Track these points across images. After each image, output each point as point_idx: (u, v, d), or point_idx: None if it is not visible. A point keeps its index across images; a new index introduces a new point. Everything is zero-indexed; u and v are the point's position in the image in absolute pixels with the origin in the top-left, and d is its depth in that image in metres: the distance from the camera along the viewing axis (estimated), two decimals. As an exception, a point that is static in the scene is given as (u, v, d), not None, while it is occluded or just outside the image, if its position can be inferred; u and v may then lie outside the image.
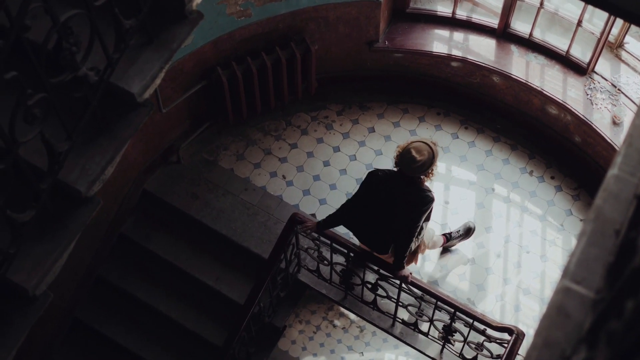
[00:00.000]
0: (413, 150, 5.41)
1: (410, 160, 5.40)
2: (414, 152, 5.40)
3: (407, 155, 5.42)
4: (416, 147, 5.43)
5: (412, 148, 5.42)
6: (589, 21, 6.85)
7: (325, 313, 9.38)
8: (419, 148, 5.43)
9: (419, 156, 5.40)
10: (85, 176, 3.45)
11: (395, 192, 5.61)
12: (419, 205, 5.58)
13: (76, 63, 3.14)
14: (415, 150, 5.41)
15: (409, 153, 5.41)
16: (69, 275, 6.54)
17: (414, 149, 5.42)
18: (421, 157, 5.40)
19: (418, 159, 5.39)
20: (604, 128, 6.76)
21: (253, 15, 6.64)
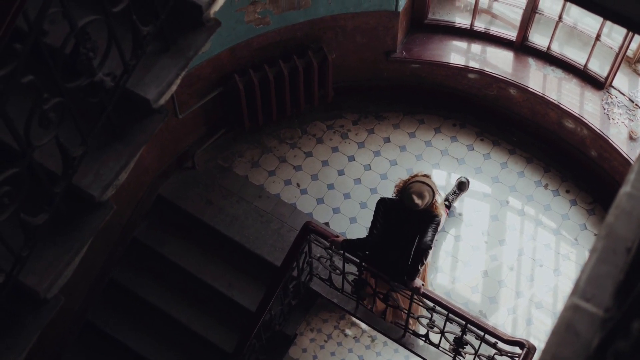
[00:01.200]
0: (415, 196, 5.60)
1: (413, 205, 5.62)
2: (416, 198, 5.61)
3: (409, 200, 5.62)
4: (417, 192, 5.61)
5: (413, 194, 5.61)
6: (607, 35, 6.82)
7: (337, 322, 9.35)
8: (420, 192, 5.62)
9: (421, 201, 5.62)
10: (99, 181, 3.47)
11: (409, 219, 5.77)
12: (429, 221, 5.76)
13: (93, 68, 3.16)
14: (416, 195, 5.60)
15: (412, 200, 5.61)
16: (82, 278, 6.56)
17: (415, 194, 5.61)
18: (423, 202, 5.63)
19: (420, 205, 5.63)
20: (621, 143, 6.73)
21: (271, 24, 6.66)
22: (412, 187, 5.63)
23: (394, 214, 5.80)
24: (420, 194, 5.60)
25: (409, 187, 5.65)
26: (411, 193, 5.60)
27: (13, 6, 2.70)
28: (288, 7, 6.58)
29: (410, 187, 5.64)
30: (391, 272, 6.02)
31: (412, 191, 5.61)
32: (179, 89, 6.44)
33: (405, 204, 5.67)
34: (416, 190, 5.61)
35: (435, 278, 6.88)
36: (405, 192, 5.64)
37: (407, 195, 5.62)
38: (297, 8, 6.62)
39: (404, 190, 5.67)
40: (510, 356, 5.92)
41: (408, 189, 5.64)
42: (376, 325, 6.69)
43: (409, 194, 5.61)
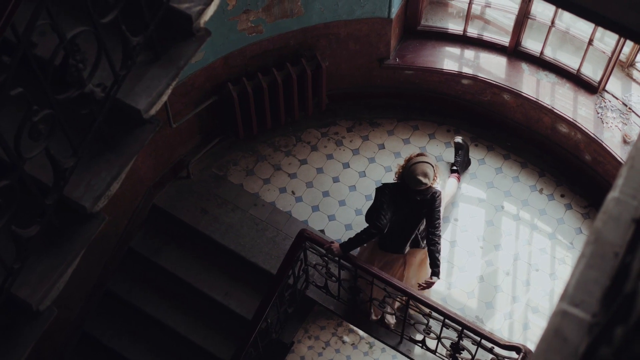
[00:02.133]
0: (420, 177, 5.79)
1: (421, 184, 5.81)
2: (423, 177, 5.80)
3: (415, 182, 5.81)
4: (422, 172, 5.80)
5: (419, 175, 5.79)
6: (600, 40, 6.84)
7: (335, 329, 9.35)
8: (425, 171, 5.82)
9: (427, 179, 5.83)
10: (91, 192, 3.47)
11: (410, 198, 5.90)
12: (433, 202, 5.92)
13: (83, 79, 3.17)
14: (422, 175, 5.80)
15: (418, 181, 5.80)
16: (78, 288, 6.56)
17: (421, 175, 5.80)
18: (429, 180, 5.85)
19: (428, 183, 5.85)
20: (615, 147, 6.74)
21: (264, 32, 6.67)
22: (416, 169, 5.81)
23: (400, 198, 5.92)
24: (425, 173, 5.81)
25: (412, 168, 5.82)
26: (417, 175, 5.79)
27: (1, 19, 2.71)
28: (281, 16, 6.59)
29: (413, 169, 5.81)
30: (394, 247, 6.20)
31: (418, 172, 5.80)
32: (173, 98, 6.47)
33: (410, 186, 5.83)
34: (420, 170, 5.81)
35: (431, 284, 6.86)
36: (410, 175, 5.82)
37: (413, 177, 5.80)
38: (290, 16, 6.63)
39: (408, 173, 5.84)
40: (507, 361, 5.92)
41: (412, 171, 5.81)
42: (373, 331, 6.68)
43: (414, 176, 5.79)
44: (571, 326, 1.93)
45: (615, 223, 2.19)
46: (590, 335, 1.77)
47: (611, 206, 2.25)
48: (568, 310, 1.99)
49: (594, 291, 2.04)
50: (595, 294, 2.02)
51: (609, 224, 2.20)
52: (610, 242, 2.14)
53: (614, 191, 2.35)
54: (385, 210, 5.89)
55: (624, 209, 2.22)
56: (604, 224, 2.20)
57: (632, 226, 2.06)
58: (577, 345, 1.85)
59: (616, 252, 2.09)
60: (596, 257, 2.13)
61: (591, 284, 2.08)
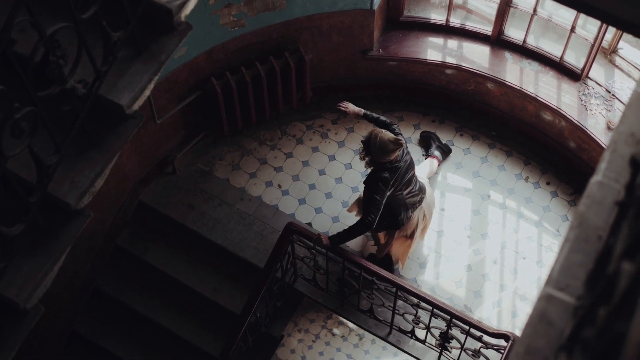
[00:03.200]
0: (392, 142, 5.72)
1: (397, 145, 5.74)
2: (393, 141, 5.73)
3: (393, 145, 5.72)
4: (389, 138, 5.73)
5: (391, 142, 5.71)
6: (582, 27, 6.85)
7: (324, 322, 9.37)
8: (390, 137, 5.75)
9: (399, 139, 5.79)
10: (75, 189, 3.45)
11: (399, 168, 5.90)
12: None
13: (64, 76, 3.15)
14: (393, 141, 5.73)
15: (394, 143, 5.72)
16: (65, 287, 6.54)
17: (391, 140, 5.72)
18: (399, 139, 5.79)
19: (401, 141, 5.78)
20: (599, 133, 6.76)
21: (247, 26, 6.65)
22: (382, 141, 5.69)
23: (392, 176, 5.85)
24: (391, 138, 5.73)
25: (380, 144, 5.68)
26: (389, 143, 5.69)
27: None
28: (263, 9, 6.57)
29: (382, 143, 5.68)
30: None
31: (387, 140, 5.69)
32: (157, 94, 6.44)
33: (391, 158, 5.72)
34: (387, 138, 5.71)
35: (419, 274, 6.89)
36: (384, 149, 5.69)
37: (388, 147, 5.68)
38: (272, 9, 6.61)
39: (381, 150, 5.69)
40: (496, 349, 5.94)
41: (382, 145, 5.68)
42: (362, 323, 6.70)
43: (389, 145, 5.68)
44: (556, 310, 1.94)
45: (599, 206, 2.20)
46: (575, 318, 1.78)
47: (594, 190, 2.26)
48: (553, 295, 2.00)
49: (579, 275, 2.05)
50: (580, 278, 2.03)
51: (593, 208, 2.21)
52: (594, 225, 2.15)
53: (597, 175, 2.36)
54: (379, 206, 5.85)
55: (607, 193, 2.23)
56: (587, 208, 2.21)
57: (615, 209, 2.07)
58: (562, 329, 1.86)
59: (600, 235, 2.10)
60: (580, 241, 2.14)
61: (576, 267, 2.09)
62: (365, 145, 5.81)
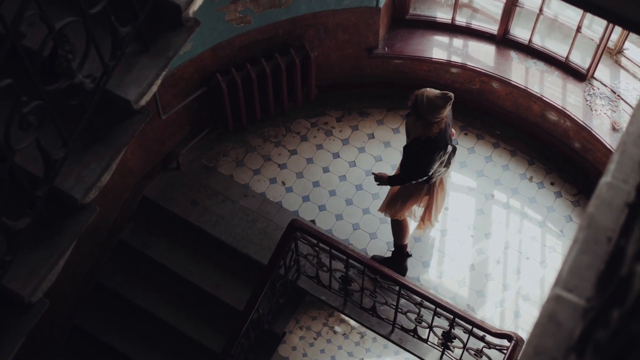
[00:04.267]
0: (440, 96, 5.60)
1: (447, 100, 5.61)
2: (441, 96, 5.60)
3: (443, 99, 5.60)
4: (434, 94, 5.63)
5: (438, 96, 5.60)
6: (588, 27, 6.85)
7: (326, 319, 9.36)
8: (436, 92, 5.66)
9: (448, 93, 5.66)
10: (81, 183, 3.45)
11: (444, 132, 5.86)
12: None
13: (72, 70, 3.15)
14: (440, 95, 5.61)
15: (444, 98, 5.59)
16: (68, 281, 6.55)
17: (439, 95, 5.61)
18: (447, 93, 5.67)
19: (450, 95, 5.65)
20: (604, 134, 6.76)
21: (252, 22, 6.65)
22: (430, 97, 5.59)
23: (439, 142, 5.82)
24: (437, 94, 5.64)
25: (428, 100, 5.58)
26: (436, 97, 5.60)
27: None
28: (269, 6, 6.57)
29: (430, 98, 5.58)
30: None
31: (434, 96, 5.60)
32: (162, 90, 6.45)
33: (441, 114, 5.63)
34: (432, 95, 5.62)
35: (422, 273, 6.89)
36: (434, 103, 5.58)
37: (437, 101, 5.59)
38: (278, 6, 6.61)
39: (431, 106, 5.57)
40: (499, 349, 5.94)
41: (431, 101, 5.58)
42: (364, 321, 6.70)
43: (436, 99, 5.59)
44: (566, 311, 1.94)
45: (608, 208, 2.20)
46: (585, 320, 1.77)
47: (604, 191, 2.26)
48: (562, 295, 2.00)
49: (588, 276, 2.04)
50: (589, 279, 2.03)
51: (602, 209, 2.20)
52: (603, 226, 2.15)
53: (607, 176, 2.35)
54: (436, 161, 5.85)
55: (617, 194, 2.23)
56: (596, 209, 2.21)
57: (625, 210, 2.06)
58: (572, 330, 1.85)
59: (609, 237, 2.09)
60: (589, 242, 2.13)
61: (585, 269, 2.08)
62: (413, 108, 5.68)
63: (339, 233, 7.04)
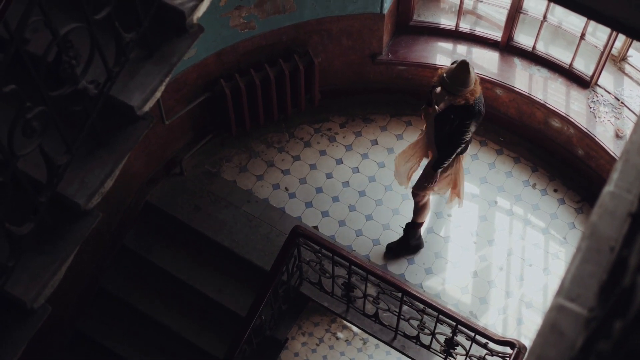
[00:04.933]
0: (460, 65, 5.65)
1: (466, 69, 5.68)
2: (462, 65, 5.64)
3: (464, 70, 5.65)
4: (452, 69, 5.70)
5: (458, 67, 5.65)
6: (592, 34, 6.84)
7: (329, 325, 9.36)
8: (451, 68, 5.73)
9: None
10: (85, 189, 3.45)
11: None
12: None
13: (76, 76, 3.15)
14: (461, 65, 5.65)
15: (463, 68, 5.64)
16: (71, 286, 6.54)
17: (458, 67, 5.65)
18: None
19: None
20: (607, 141, 6.75)
21: (256, 28, 6.65)
22: (450, 74, 5.67)
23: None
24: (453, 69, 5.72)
25: (452, 77, 5.66)
26: (464, 76, 5.67)
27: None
28: (273, 11, 6.58)
29: (453, 76, 5.66)
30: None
31: (460, 73, 5.66)
32: (166, 95, 6.45)
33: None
34: (450, 70, 5.71)
35: (425, 280, 6.88)
36: (459, 79, 5.66)
37: (462, 77, 5.66)
38: (282, 12, 6.62)
39: (455, 81, 5.66)
40: (502, 356, 5.93)
41: (456, 76, 5.65)
42: (367, 327, 6.69)
43: (463, 77, 5.66)
44: (568, 321, 1.94)
45: (611, 217, 2.19)
46: (588, 330, 1.77)
47: (607, 200, 2.26)
48: (565, 305, 2.00)
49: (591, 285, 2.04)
50: (591, 289, 2.02)
51: (605, 218, 2.20)
52: (606, 236, 2.14)
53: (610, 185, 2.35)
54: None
55: (620, 203, 2.23)
56: (599, 218, 2.21)
57: (627, 220, 2.06)
58: (574, 340, 1.85)
59: (612, 246, 2.09)
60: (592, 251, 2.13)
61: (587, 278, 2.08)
62: (443, 90, 5.76)
63: (341, 239, 7.04)
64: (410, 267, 6.94)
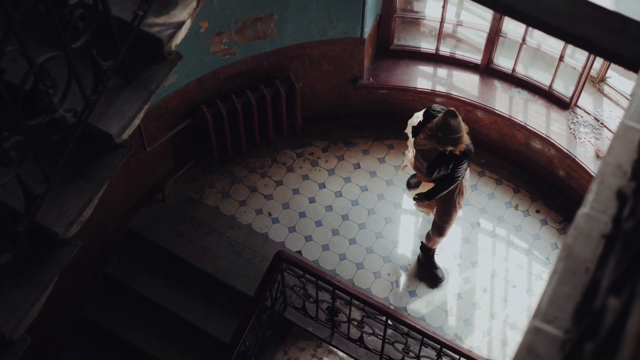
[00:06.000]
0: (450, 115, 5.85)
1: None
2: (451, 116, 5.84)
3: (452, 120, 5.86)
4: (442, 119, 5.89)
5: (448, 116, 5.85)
6: (570, 56, 6.90)
7: (314, 350, 9.30)
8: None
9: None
10: (63, 218, 3.44)
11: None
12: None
13: (53, 105, 3.15)
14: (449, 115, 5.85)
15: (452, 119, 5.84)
16: (54, 316, 6.49)
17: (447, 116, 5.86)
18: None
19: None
20: (588, 162, 6.79)
21: (237, 54, 6.67)
22: (440, 124, 5.88)
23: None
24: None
25: (442, 126, 5.85)
26: (454, 123, 5.86)
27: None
28: (254, 37, 6.60)
29: (443, 125, 5.85)
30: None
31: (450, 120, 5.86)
32: (147, 122, 6.45)
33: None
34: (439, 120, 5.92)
35: (409, 303, 6.87)
36: (450, 128, 5.85)
37: (453, 125, 5.84)
38: (262, 38, 6.64)
39: (447, 131, 5.85)
40: (487, 379, 5.91)
41: (446, 124, 5.83)
42: (352, 352, 6.66)
43: (453, 123, 5.85)
44: (544, 343, 1.94)
45: (586, 239, 2.20)
46: (563, 352, 1.77)
47: (582, 222, 2.27)
48: (541, 327, 2.00)
49: (567, 307, 2.04)
50: (567, 310, 2.03)
51: (580, 240, 2.21)
52: (581, 258, 2.15)
53: (585, 207, 2.36)
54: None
55: (595, 225, 2.24)
56: (575, 240, 2.21)
57: (602, 242, 2.07)
58: (550, 362, 1.85)
59: (587, 268, 2.10)
60: (568, 273, 2.14)
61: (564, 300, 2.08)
62: (433, 143, 5.96)
63: (325, 264, 7.03)
64: (394, 290, 6.93)
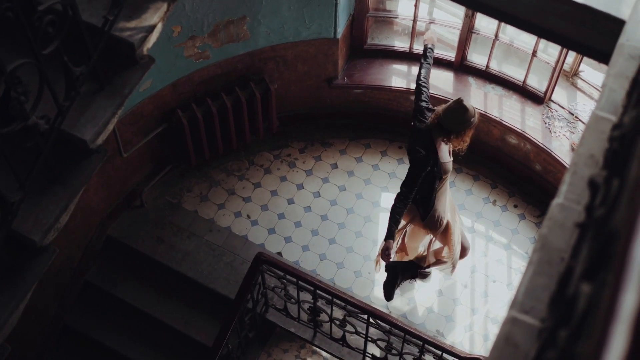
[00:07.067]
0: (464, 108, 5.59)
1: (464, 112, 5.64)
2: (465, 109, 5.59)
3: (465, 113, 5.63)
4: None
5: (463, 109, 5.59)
6: (543, 51, 6.94)
7: (298, 351, 9.29)
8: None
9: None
10: (40, 225, 3.42)
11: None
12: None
13: (25, 112, 3.13)
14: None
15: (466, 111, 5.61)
16: (34, 324, 6.45)
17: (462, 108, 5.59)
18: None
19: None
20: (563, 155, 6.83)
21: (211, 57, 6.66)
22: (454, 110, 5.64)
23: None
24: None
25: (451, 117, 5.65)
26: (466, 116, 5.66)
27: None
28: (227, 40, 6.59)
29: (452, 111, 5.65)
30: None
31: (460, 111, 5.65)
32: (122, 128, 6.42)
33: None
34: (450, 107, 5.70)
35: (390, 301, 6.88)
36: (459, 118, 5.66)
37: (461, 116, 5.66)
38: (236, 40, 6.64)
39: (456, 120, 5.65)
40: (469, 373, 5.93)
41: (455, 115, 5.64)
42: (335, 351, 6.67)
43: (460, 112, 5.65)
44: (521, 333, 1.95)
45: (561, 229, 2.22)
46: (540, 341, 1.79)
47: (556, 212, 2.28)
48: (518, 317, 2.01)
49: (543, 297, 2.06)
50: (544, 300, 2.04)
51: (555, 230, 2.23)
52: (556, 247, 2.17)
53: (559, 197, 2.38)
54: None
55: (569, 215, 2.26)
56: (549, 231, 2.23)
57: (576, 231, 2.09)
58: (527, 352, 1.87)
59: (562, 257, 2.12)
60: (543, 263, 2.15)
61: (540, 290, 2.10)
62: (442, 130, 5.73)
63: (305, 264, 7.03)
64: (375, 289, 6.95)
